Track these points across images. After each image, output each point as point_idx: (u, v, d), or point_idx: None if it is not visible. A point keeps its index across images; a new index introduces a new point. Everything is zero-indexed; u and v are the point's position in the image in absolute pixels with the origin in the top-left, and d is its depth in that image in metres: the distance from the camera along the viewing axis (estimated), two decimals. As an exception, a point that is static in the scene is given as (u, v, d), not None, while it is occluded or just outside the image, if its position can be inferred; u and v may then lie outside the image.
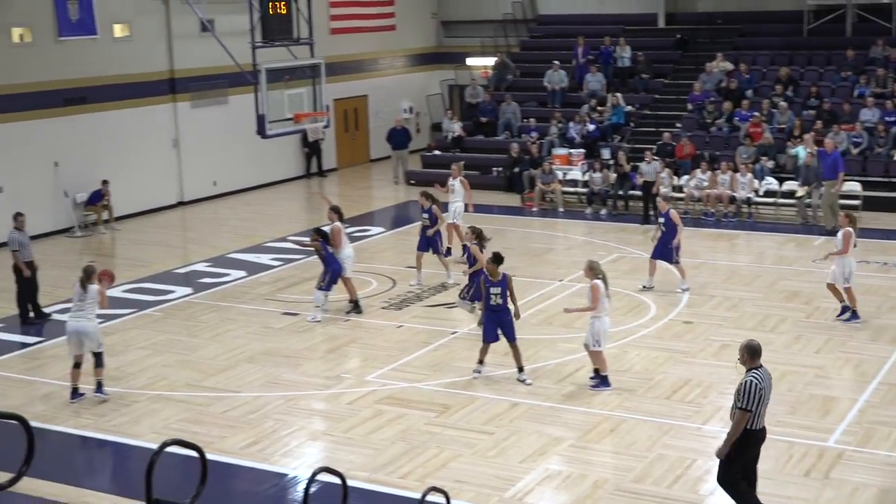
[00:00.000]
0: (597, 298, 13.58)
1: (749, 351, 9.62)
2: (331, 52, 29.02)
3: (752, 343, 9.72)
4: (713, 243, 22.26)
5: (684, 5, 33.00)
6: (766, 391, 9.51)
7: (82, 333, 13.64)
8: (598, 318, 13.69)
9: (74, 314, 13.71)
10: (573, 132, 28.19)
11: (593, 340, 13.73)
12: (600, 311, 13.66)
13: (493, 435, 12.44)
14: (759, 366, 9.62)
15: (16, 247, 17.32)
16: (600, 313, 13.67)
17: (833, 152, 22.98)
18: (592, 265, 13.83)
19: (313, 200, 28.53)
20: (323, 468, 8.49)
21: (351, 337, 16.30)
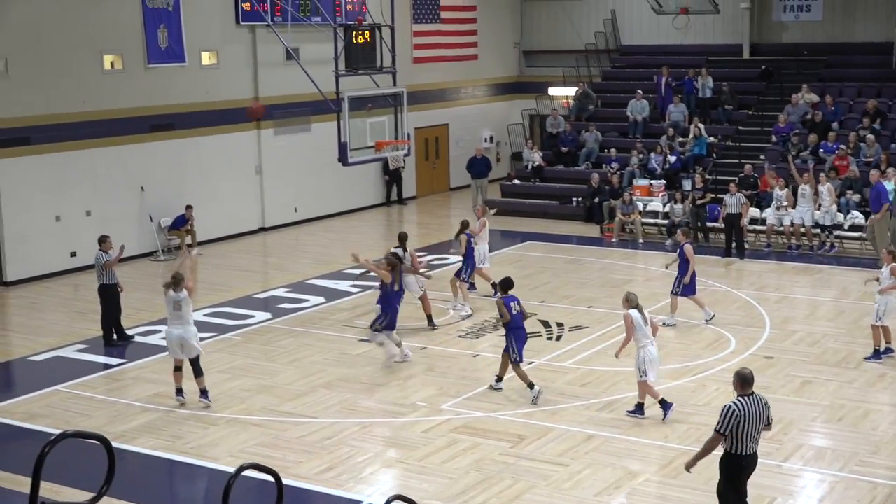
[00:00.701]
0: (629, 328, 13.62)
1: (739, 378, 9.73)
2: (413, 80, 29.30)
3: (744, 371, 9.79)
4: (795, 277, 21.90)
5: (769, 36, 32.67)
6: (748, 419, 9.47)
7: (182, 339, 14.28)
8: (643, 348, 13.65)
9: (172, 322, 14.43)
10: (654, 163, 28.01)
11: (638, 371, 13.72)
12: (641, 340, 13.61)
13: (568, 467, 12.33)
14: (749, 393, 9.63)
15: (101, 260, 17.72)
16: (643, 343, 13.62)
17: None
18: (628, 296, 13.86)
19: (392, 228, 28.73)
20: (397, 496, 8.51)
21: (427, 365, 16.31)
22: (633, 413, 13.88)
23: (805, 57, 31.04)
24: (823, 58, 31.05)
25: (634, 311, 13.67)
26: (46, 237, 22.58)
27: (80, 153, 23.10)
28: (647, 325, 13.68)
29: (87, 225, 23.06)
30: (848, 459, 12.44)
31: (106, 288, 17.65)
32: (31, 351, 17.52)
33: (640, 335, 13.60)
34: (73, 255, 23.00)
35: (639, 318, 13.62)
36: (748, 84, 30.98)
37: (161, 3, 24.40)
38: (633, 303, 13.73)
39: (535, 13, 36.16)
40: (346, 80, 21.47)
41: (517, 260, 23.81)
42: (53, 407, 14.77)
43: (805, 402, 14.43)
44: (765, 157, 27.21)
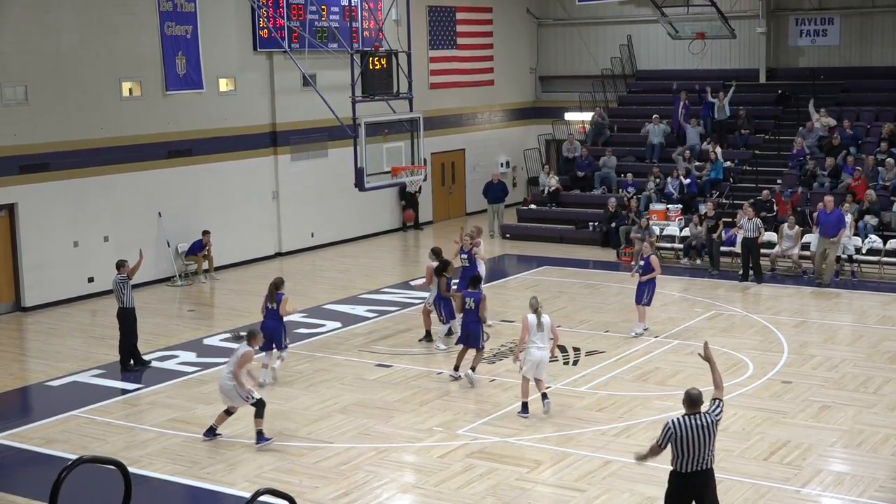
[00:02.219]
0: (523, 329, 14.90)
1: (686, 398, 9.83)
2: (429, 106, 29.40)
3: (691, 391, 9.87)
4: (814, 302, 21.80)
5: (786, 60, 32.67)
6: (686, 437, 9.58)
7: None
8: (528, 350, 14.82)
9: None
10: (671, 187, 27.98)
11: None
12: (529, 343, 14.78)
13: (584, 493, 12.27)
14: (694, 413, 9.72)
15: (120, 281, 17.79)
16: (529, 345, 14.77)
17: None
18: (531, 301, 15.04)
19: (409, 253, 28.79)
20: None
21: (443, 390, 16.28)
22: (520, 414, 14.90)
23: (822, 81, 31.01)
24: (840, 82, 31.03)
25: (532, 315, 14.76)
26: (64, 263, 22.68)
27: (98, 179, 23.23)
28: (541, 330, 14.71)
29: (105, 250, 23.16)
30: (868, 485, 12.34)
31: (124, 312, 17.68)
32: (49, 376, 17.57)
33: (531, 339, 14.70)
34: (91, 280, 23.09)
35: (534, 322, 14.70)
36: (765, 108, 30.97)
37: (179, 30, 24.58)
38: (533, 307, 14.85)
39: (551, 39, 36.27)
40: (362, 105, 21.55)
41: (533, 285, 23.76)
42: (70, 432, 14.80)
43: (824, 426, 14.34)
44: (781, 181, 27.16)
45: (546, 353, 14.82)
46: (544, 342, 14.75)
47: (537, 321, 14.71)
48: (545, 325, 14.75)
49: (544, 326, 14.73)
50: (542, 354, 14.74)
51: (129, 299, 17.75)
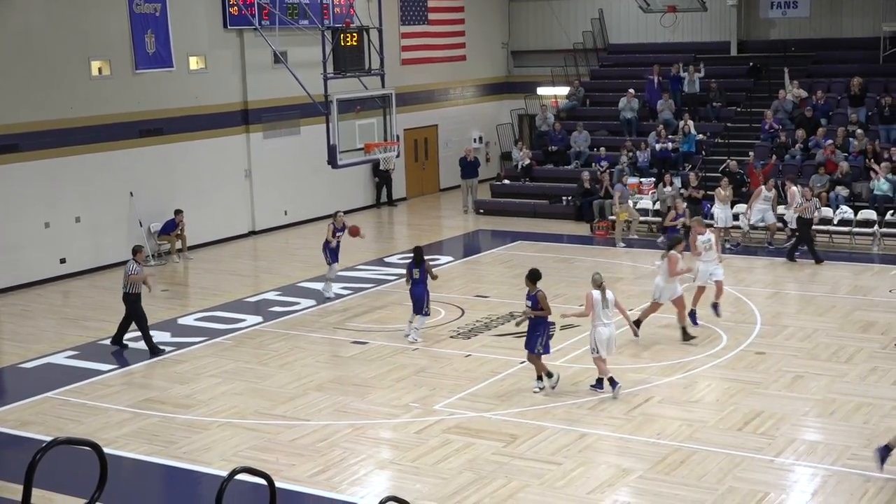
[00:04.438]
0: (588, 306, 14.52)
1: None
2: (401, 82, 29.31)
3: None
4: (787, 273, 21.93)
5: (757, 33, 32.74)
6: None
7: None
8: (595, 328, 14.50)
9: None
10: (642, 159, 28.05)
11: (591, 347, 14.65)
12: (595, 320, 14.48)
13: (561, 465, 12.34)
14: None
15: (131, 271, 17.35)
16: (595, 322, 14.49)
17: None
18: (593, 277, 14.83)
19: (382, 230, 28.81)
20: (390, 497, 8.49)
21: (419, 366, 16.31)
22: (594, 387, 14.76)
23: (793, 53, 31.10)
24: (811, 54, 31.12)
25: (597, 291, 14.46)
26: (36, 244, 22.52)
27: (68, 160, 23.05)
28: (606, 307, 14.44)
29: (77, 231, 23.04)
30: (840, 453, 12.46)
31: (128, 297, 17.30)
32: (22, 358, 17.48)
33: (596, 315, 14.43)
34: (63, 261, 22.96)
35: (598, 298, 14.37)
36: (736, 81, 31.06)
37: (148, 8, 24.37)
38: (596, 283, 14.58)
39: (522, 13, 36.19)
40: (334, 82, 21.46)
41: (507, 260, 23.82)
42: (45, 414, 14.74)
43: (797, 396, 14.46)
44: (753, 153, 27.26)
45: (612, 328, 14.59)
46: (609, 318, 14.50)
47: (602, 297, 14.40)
48: (609, 300, 14.47)
49: (609, 302, 14.46)
50: (610, 331, 14.52)
51: (135, 286, 17.31)
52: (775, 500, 11.29)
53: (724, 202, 24.04)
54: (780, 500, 11.33)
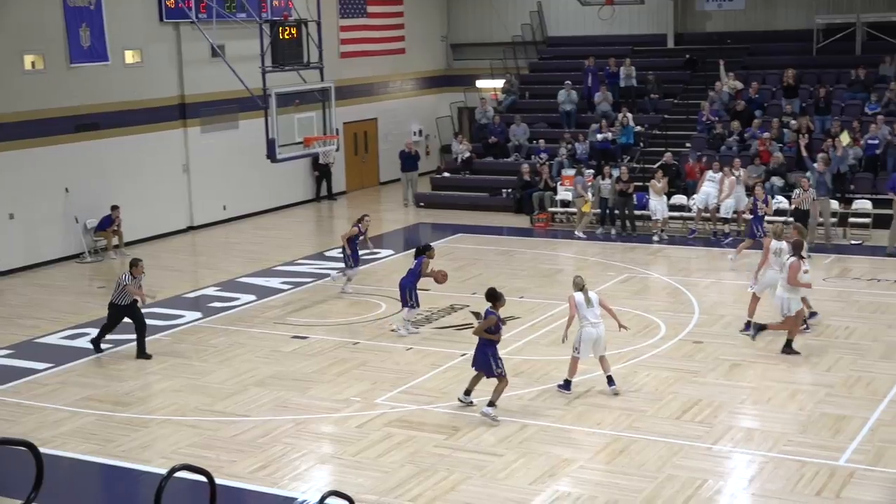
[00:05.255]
0: (572, 307, 14.31)
1: None
2: (341, 75, 29.17)
3: None
4: (724, 262, 22.18)
5: (693, 25, 33.05)
6: None
7: None
8: (583, 328, 14.25)
9: None
10: (581, 151, 28.22)
11: (574, 346, 14.36)
12: (582, 321, 14.22)
13: (502, 457, 12.39)
14: None
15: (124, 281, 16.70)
16: (583, 323, 14.22)
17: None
18: (574, 280, 14.59)
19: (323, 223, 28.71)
20: (332, 492, 8.49)
21: (360, 360, 16.27)
22: (561, 388, 14.44)
23: (728, 45, 31.44)
24: (746, 46, 31.48)
25: (578, 293, 14.23)
26: (-31, 242, 22.14)
27: (2, 155, 22.66)
28: (591, 306, 14.20)
29: (11, 228, 22.69)
30: (776, 440, 12.65)
31: (114, 306, 16.75)
32: (-44, 358, 17.18)
33: (582, 315, 14.20)
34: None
35: (581, 299, 14.15)
36: (673, 73, 31.33)
37: (83, 1, 24.01)
38: (577, 285, 14.35)
39: (461, 6, 36.21)
40: (272, 76, 21.29)
41: (448, 253, 23.83)
42: (-20, 414, 14.50)
43: (734, 384, 14.64)
44: (690, 144, 27.55)
45: (601, 329, 14.26)
46: (597, 317, 14.23)
47: (585, 298, 14.23)
48: (594, 300, 14.28)
49: (593, 302, 14.27)
50: (597, 332, 14.20)
51: (125, 297, 16.69)
52: (713, 486, 11.43)
53: (660, 194, 24.32)
54: (718, 486, 11.48)
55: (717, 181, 24.16)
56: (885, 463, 11.88)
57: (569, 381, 14.41)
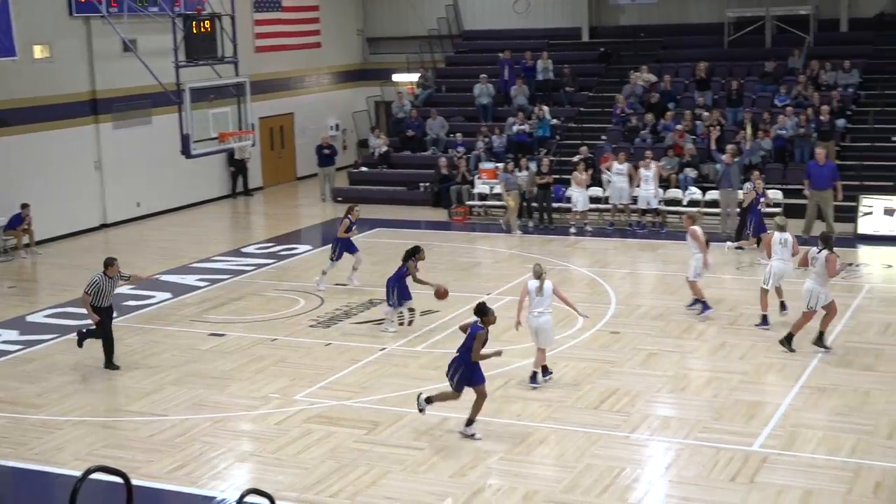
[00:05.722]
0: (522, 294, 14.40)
1: None
2: (256, 70, 28.95)
3: None
4: (640, 253, 22.47)
5: (607, 19, 33.39)
6: None
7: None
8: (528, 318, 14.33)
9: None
10: (498, 144, 28.34)
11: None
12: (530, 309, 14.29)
13: (422, 450, 12.41)
14: None
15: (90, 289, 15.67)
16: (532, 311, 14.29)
17: (827, 162, 23.17)
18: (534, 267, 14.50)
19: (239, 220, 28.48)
20: (251, 490, 8.42)
21: (279, 356, 16.15)
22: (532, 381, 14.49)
23: (642, 38, 31.82)
24: (660, 39, 31.88)
25: (533, 281, 14.24)
26: None
27: None
28: (540, 295, 14.15)
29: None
30: (692, 427, 12.85)
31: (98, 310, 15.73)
32: None
33: (533, 304, 14.19)
34: None
35: (533, 287, 14.15)
36: (588, 66, 31.60)
37: (-13, -6, 23.45)
38: (535, 273, 14.32)
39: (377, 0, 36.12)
40: (186, 71, 21.08)
41: (367, 247, 23.73)
42: None
43: (650, 373, 14.84)
44: (606, 137, 27.83)
45: (545, 318, 14.19)
46: (543, 307, 14.15)
47: (538, 286, 14.14)
48: (546, 290, 14.14)
49: (545, 292, 14.13)
50: (539, 321, 14.18)
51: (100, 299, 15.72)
52: (631, 474, 11.58)
53: (582, 186, 24.53)
54: (636, 474, 11.62)
55: (625, 173, 24.42)
56: (797, 447, 12.14)
57: (535, 372, 14.45)
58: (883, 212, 22.42)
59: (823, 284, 15.35)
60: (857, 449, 12.05)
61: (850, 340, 16.06)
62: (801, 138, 25.39)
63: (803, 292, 15.51)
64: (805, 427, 12.71)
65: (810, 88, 27.16)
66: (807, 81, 27.44)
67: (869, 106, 27.05)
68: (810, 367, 14.82)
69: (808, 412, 13.23)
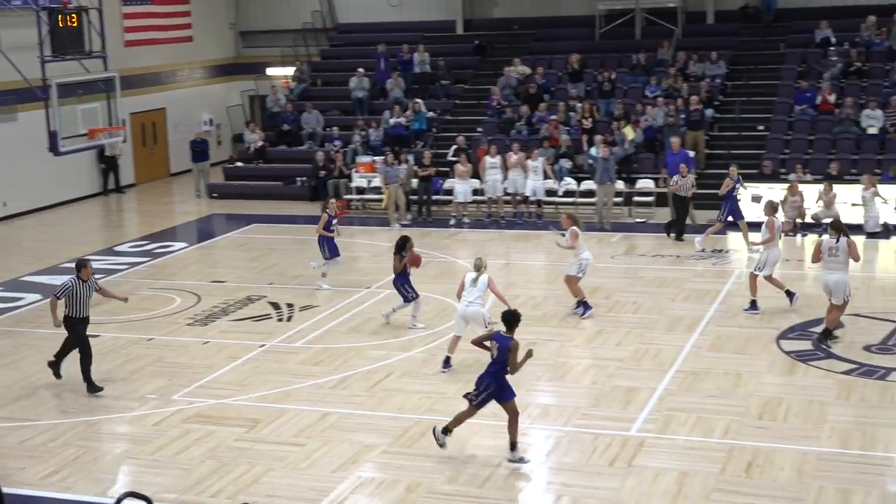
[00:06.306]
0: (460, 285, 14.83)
1: None
2: (125, 64, 28.34)
3: None
4: (516, 244, 22.70)
5: (481, 11, 33.60)
6: None
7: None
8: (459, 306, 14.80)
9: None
10: (374, 137, 28.31)
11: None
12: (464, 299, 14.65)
13: (304, 447, 12.33)
14: None
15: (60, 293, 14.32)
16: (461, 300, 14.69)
17: (680, 150, 23.61)
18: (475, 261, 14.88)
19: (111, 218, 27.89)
20: (129, 493, 8.26)
21: (155, 356, 15.86)
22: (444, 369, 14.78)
23: (516, 31, 32.11)
24: (533, 32, 32.21)
25: (472, 273, 14.69)
26: None
27: None
28: (473, 286, 14.53)
29: None
30: (571, 414, 13.05)
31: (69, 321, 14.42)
32: None
33: (465, 294, 14.61)
34: None
35: (469, 279, 14.58)
36: (463, 59, 31.76)
37: None
38: (475, 266, 14.71)
39: (249, -8, 35.74)
40: (53, 65, 20.53)
41: (243, 243, 23.55)
42: None
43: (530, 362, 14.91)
44: (482, 129, 28.02)
45: (474, 308, 14.55)
46: (474, 297, 14.55)
47: (474, 278, 14.59)
48: (480, 282, 14.57)
49: (478, 283, 14.57)
50: (468, 310, 14.56)
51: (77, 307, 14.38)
52: (512, 463, 11.67)
53: (464, 178, 24.66)
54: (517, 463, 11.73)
55: (499, 166, 24.67)
56: (672, 430, 12.42)
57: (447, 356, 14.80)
58: (751, 199, 23.04)
59: (847, 273, 15.21)
60: (729, 430, 12.39)
61: (721, 325, 16.48)
62: (670, 128, 25.95)
63: (833, 285, 15.11)
64: (680, 411, 13.01)
65: (679, 80, 27.78)
66: (676, 73, 28.06)
67: (735, 96, 27.79)
68: (684, 352, 15.18)
69: (682, 396, 13.54)
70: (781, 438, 12.13)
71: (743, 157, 25.28)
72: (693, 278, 19.32)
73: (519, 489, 11.17)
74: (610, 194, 23.84)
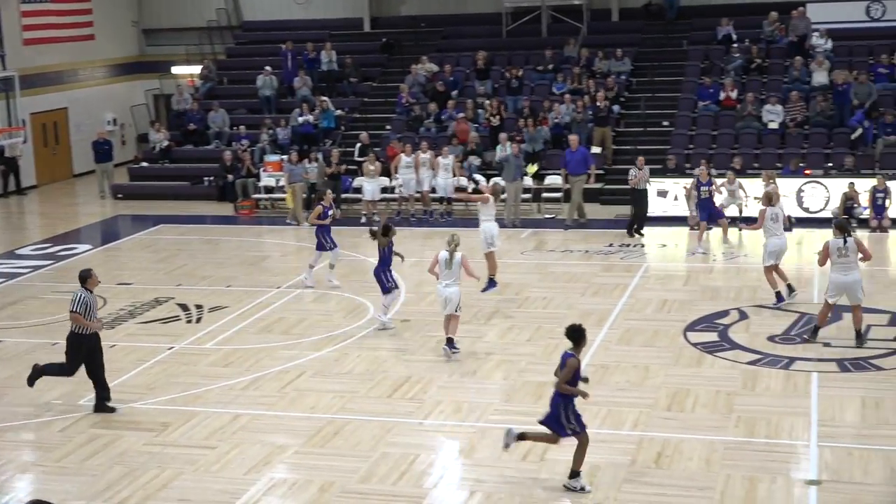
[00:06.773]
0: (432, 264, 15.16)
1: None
2: (25, 63, 27.80)
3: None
4: (428, 241, 22.70)
5: (388, 9, 33.55)
6: None
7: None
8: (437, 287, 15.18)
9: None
10: (282, 136, 28.10)
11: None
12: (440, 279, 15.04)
13: (215, 449, 12.18)
14: None
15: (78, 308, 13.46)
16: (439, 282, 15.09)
17: (580, 148, 23.81)
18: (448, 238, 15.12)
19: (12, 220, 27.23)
20: (35, 501, 8.08)
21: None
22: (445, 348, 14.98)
23: (423, 28, 32.13)
24: (440, 29, 32.26)
25: (444, 252, 14.94)
26: None
27: None
28: (449, 268, 14.85)
29: None
30: (484, 410, 13.09)
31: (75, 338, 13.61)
32: None
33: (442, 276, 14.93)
34: None
35: (444, 258, 14.88)
36: (371, 57, 31.69)
37: None
38: (448, 244, 14.99)
39: (153, -10, 35.20)
40: (-53, 65, 20.00)
41: (150, 244, 23.20)
42: None
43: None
44: (391, 127, 27.99)
45: (454, 290, 14.87)
46: (452, 279, 14.87)
47: (448, 258, 14.84)
48: (455, 262, 14.86)
49: (454, 264, 14.85)
50: (448, 291, 14.86)
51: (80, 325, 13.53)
52: (426, 460, 11.70)
53: (373, 176, 24.62)
54: (430, 460, 11.75)
55: (413, 164, 24.72)
56: (583, 424, 12.50)
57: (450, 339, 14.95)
58: (656, 194, 23.38)
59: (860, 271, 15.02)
60: (639, 422, 12.56)
61: (629, 318, 16.69)
62: (578, 124, 26.18)
63: (852, 284, 14.83)
64: (591, 404, 13.08)
65: (585, 77, 28.05)
66: (582, 70, 28.33)
67: (640, 92, 28.18)
68: (594, 345, 15.32)
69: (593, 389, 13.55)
70: (690, 429, 12.33)
71: (648, 152, 25.59)
72: (601, 273, 19.55)
73: (432, 485, 11.17)
74: (519, 191, 24.02)
